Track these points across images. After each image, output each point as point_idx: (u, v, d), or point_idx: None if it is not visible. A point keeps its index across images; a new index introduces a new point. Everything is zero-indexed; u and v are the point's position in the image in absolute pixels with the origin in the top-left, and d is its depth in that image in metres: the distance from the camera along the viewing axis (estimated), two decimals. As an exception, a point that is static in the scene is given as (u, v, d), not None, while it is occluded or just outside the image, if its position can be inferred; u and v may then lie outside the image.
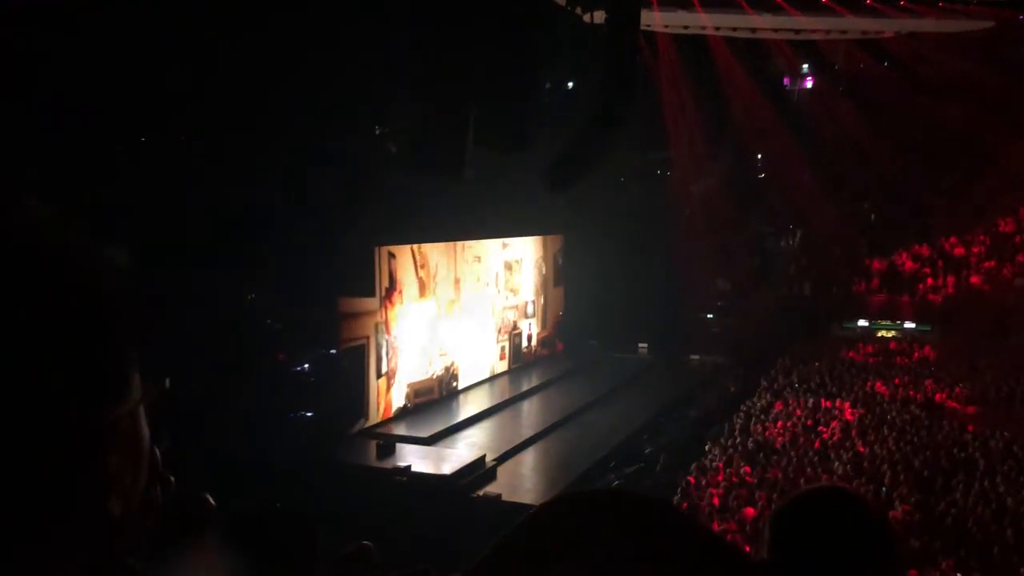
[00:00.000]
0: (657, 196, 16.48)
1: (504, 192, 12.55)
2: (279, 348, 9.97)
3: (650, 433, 11.29)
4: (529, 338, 15.25)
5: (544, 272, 15.79)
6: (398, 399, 11.18)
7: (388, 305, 10.94)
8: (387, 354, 10.90)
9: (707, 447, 9.95)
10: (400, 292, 11.16)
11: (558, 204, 13.81)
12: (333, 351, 10.27)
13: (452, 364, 12.48)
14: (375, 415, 10.75)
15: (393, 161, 10.66)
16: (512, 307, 14.70)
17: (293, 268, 9.60)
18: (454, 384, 12.60)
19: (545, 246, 15.87)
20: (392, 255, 11.04)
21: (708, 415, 11.65)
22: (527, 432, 11.34)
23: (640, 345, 16.27)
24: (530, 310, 15.36)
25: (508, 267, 14.59)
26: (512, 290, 14.69)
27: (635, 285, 15.53)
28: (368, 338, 10.64)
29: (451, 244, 12.65)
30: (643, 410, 12.44)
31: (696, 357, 15.82)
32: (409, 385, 11.46)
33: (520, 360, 14.78)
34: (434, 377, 12.06)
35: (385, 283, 10.88)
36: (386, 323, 10.90)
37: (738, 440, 9.93)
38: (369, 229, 10.39)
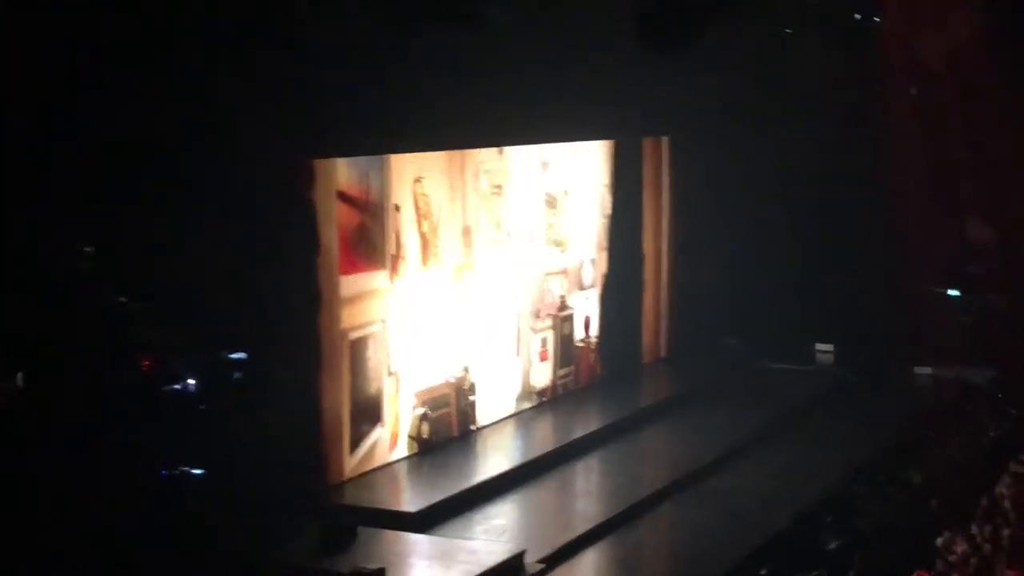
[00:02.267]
0: (851, 66, 16.56)
1: (550, 64, 12.72)
2: (141, 348, 10.12)
3: (837, 512, 11.36)
4: (587, 324, 15.60)
5: (612, 210, 16.03)
6: (406, 410, 12.28)
7: (394, 278, 12.15)
8: (394, 346, 12.15)
9: (943, 539, 9.87)
10: (404, 260, 12.31)
11: (652, 82, 13.92)
12: (239, 355, 10.47)
13: (466, 368, 13.22)
14: (390, 423, 11.97)
15: (352, 18, 10.84)
16: (558, 272, 15.01)
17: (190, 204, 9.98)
18: (471, 397, 13.31)
19: (616, 162, 16.02)
20: (398, 207, 12.16)
21: (946, 480, 11.68)
22: (600, 510, 11.50)
23: (820, 347, 16.64)
24: (588, 277, 15.66)
25: (550, 203, 14.82)
26: (557, 242, 14.99)
27: (805, 234, 16.00)
28: (383, 323, 11.94)
29: (454, 162, 13.06)
30: (824, 469, 12.56)
31: (926, 370, 16.08)
32: (417, 394, 12.41)
33: (572, 362, 15.24)
34: (451, 382, 12.97)
35: (393, 248, 12.10)
36: (393, 303, 12.11)
37: (1004, 533, 9.79)
38: (302, 134, 10.58)
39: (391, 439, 12.00)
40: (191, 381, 10.38)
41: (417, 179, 12.40)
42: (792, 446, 13.37)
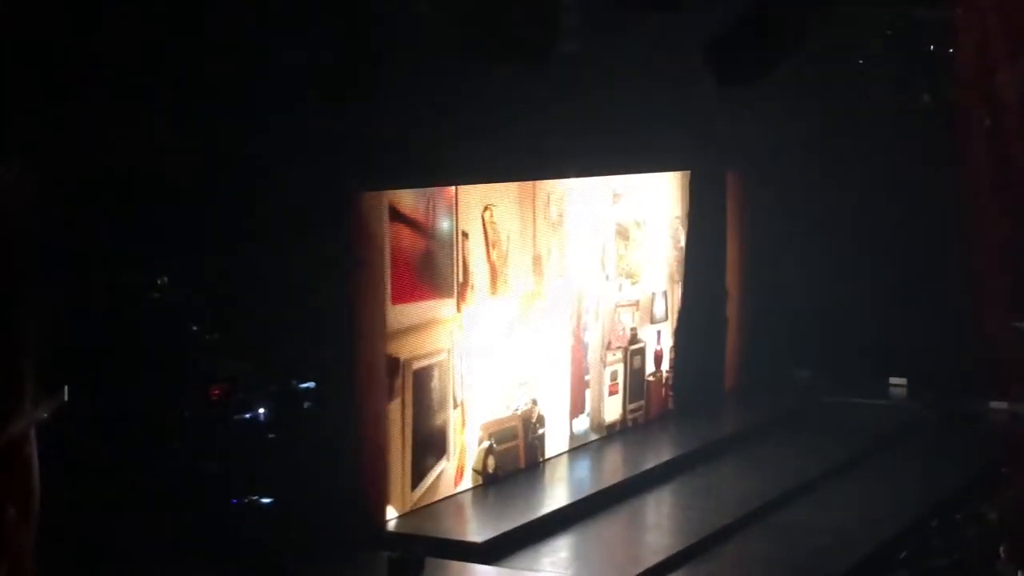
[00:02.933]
0: (926, 98, 16.68)
1: (618, 98, 12.66)
2: (212, 377, 10.28)
3: (912, 548, 11.33)
4: (658, 357, 15.44)
5: (684, 243, 15.86)
6: (472, 443, 12.22)
7: (461, 306, 12.08)
8: (460, 377, 12.05)
9: None
10: (472, 287, 12.21)
11: (720, 115, 13.89)
12: (309, 384, 10.57)
13: (534, 400, 13.12)
14: (453, 460, 11.90)
15: (430, 47, 10.99)
16: (629, 304, 14.86)
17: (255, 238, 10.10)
18: (540, 431, 13.21)
19: (688, 193, 15.90)
20: (466, 234, 12.09)
21: (1021, 517, 11.59)
22: (670, 542, 11.44)
23: (893, 381, 16.51)
24: (659, 310, 15.48)
25: (622, 233, 14.66)
26: (628, 275, 14.83)
27: (879, 267, 15.83)
28: (448, 353, 11.87)
29: (525, 190, 13.05)
30: (896, 504, 12.46)
31: (1003, 405, 15.81)
32: (483, 427, 12.32)
33: (643, 396, 15.08)
34: (518, 414, 12.85)
35: (460, 276, 12.04)
36: (460, 332, 12.05)
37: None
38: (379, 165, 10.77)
39: (456, 472, 11.94)
40: (261, 410, 10.53)
41: (487, 207, 12.36)
42: (865, 481, 13.25)
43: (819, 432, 14.76)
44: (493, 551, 10.59)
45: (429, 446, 11.57)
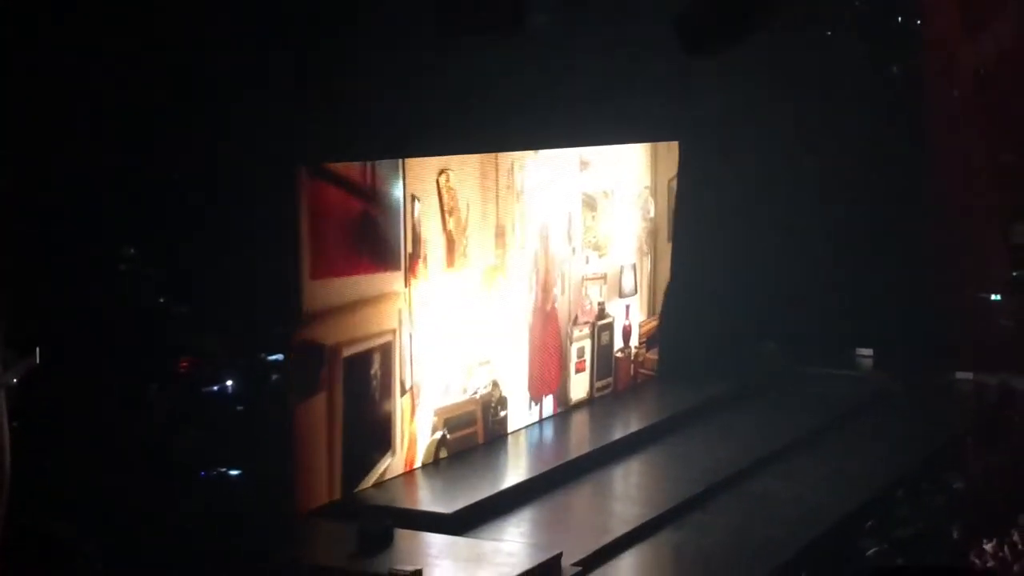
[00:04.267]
0: (894, 69, 16.72)
1: (587, 67, 12.64)
2: (182, 349, 10.25)
3: (879, 518, 11.50)
4: (627, 333, 15.24)
5: (654, 214, 15.69)
6: (424, 431, 11.72)
7: (411, 280, 11.47)
8: (410, 359, 11.45)
9: (984, 546, 9.86)
10: (424, 259, 11.61)
11: (692, 86, 14.00)
12: (277, 357, 10.55)
13: (495, 381, 12.74)
14: (400, 454, 11.38)
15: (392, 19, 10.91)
16: (596, 278, 14.64)
17: (210, 205, 10.01)
18: (501, 413, 12.86)
19: (657, 165, 15.78)
20: (416, 198, 11.45)
21: (987, 486, 11.79)
22: (638, 512, 11.48)
23: (860, 352, 16.59)
24: (628, 283, 15.25)
25: (589, 204, 14.41)
26: (596, 247, 14.59)
27: (846, 238, 15.89)
28: (393, 333, 11.19)
29: (489, 161, 12.66)
30: (865, 476, 12.58)
31: (967, 375, 15.95)
32: (438, 412, 11.91)
33: (611, 373, 14.92)
34: (477, 398, 12.45)
35: (409, 246, 11.39)
36: (409, 309, 11.44)
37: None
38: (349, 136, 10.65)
39: (405, 466, 11.46)
40: (229, 382, 10.55)
41: (442, 171, 11.74)
42: (831, 451, 13.36)
43: (786, 403, 14.91)
44: (461, 521, 10.63)
45: (369, 441, 11.02)
